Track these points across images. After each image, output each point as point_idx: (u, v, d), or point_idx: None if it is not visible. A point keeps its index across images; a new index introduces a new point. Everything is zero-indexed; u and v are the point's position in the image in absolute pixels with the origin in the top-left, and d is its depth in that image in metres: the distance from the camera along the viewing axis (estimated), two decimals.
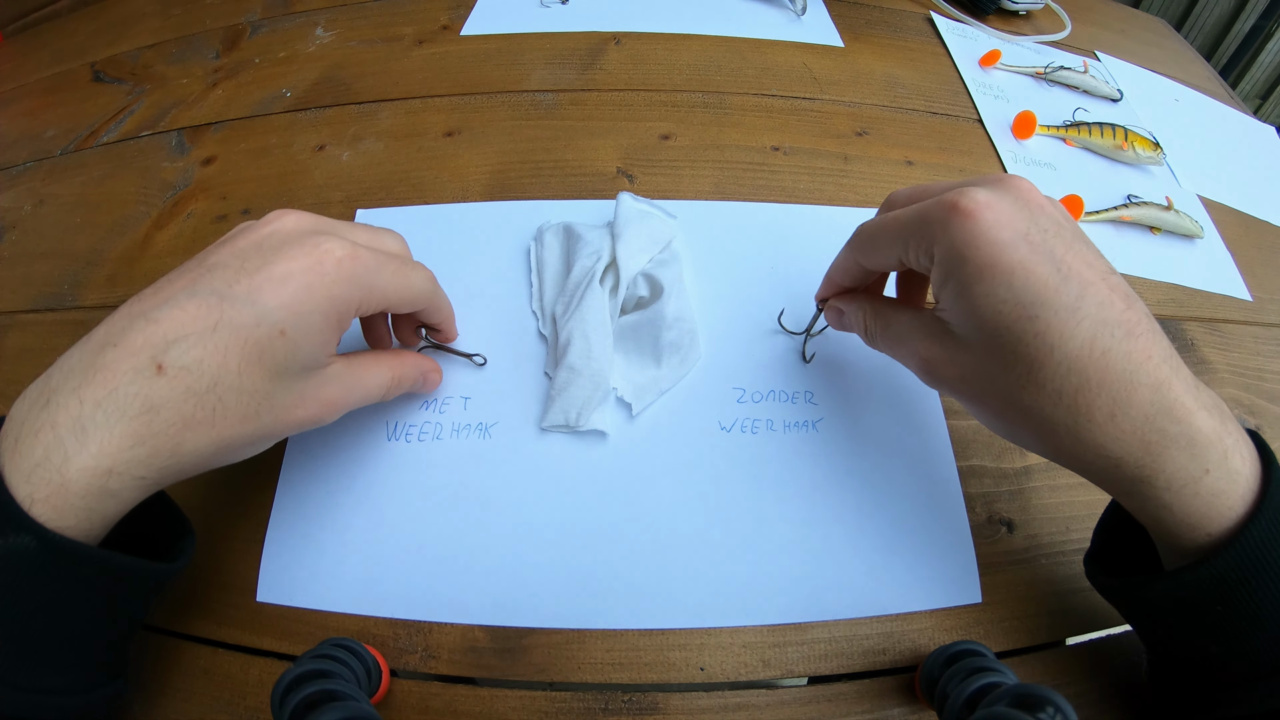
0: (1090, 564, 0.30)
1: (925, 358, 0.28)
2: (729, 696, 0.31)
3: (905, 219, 0.27)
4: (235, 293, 0.24)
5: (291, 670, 0.25)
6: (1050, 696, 0.21)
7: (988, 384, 0.25)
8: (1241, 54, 1.20)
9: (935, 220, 0.25)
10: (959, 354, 0.26)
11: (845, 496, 0.35)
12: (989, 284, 0.24)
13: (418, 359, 0.35)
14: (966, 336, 0.26)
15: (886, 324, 0.31)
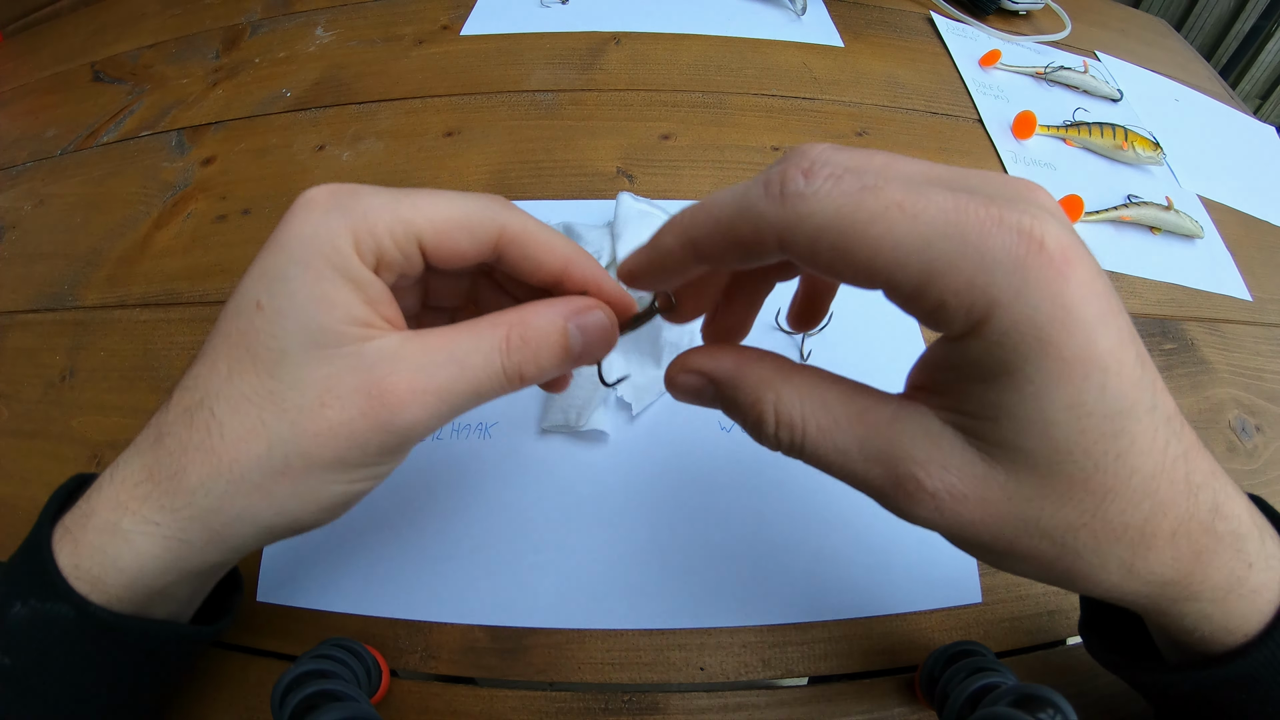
0: (1089, 635, 0.26)
1: (933, 490, 0.17)
2: (729, 696, 0.31)
3: (933, 223, 0.14)
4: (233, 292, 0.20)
5: (291, 670, 0.25)
6: (1050, 697, 0.21)
7: (1027, 527, 0.17)
8: (1241, 54, 1.20)
9: (998, 264, 0.14)
10: (989, 486, 0.16)
11: (845, 496, 0.35)
12: (1077, 390, 0.15)
13: (548, 304, 0.21)
14: (1009, 461, 0.16)
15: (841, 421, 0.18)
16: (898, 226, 0.14)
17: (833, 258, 0.15)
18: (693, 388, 0.20)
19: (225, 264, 0.45)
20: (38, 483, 0.38)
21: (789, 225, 0.15)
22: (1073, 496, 0.16)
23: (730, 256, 0.17)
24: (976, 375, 0.16)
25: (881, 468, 0.17)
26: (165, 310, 0.43)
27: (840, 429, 0.18)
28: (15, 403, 0.41)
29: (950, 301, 0.15)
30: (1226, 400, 0.42)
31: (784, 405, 0.18)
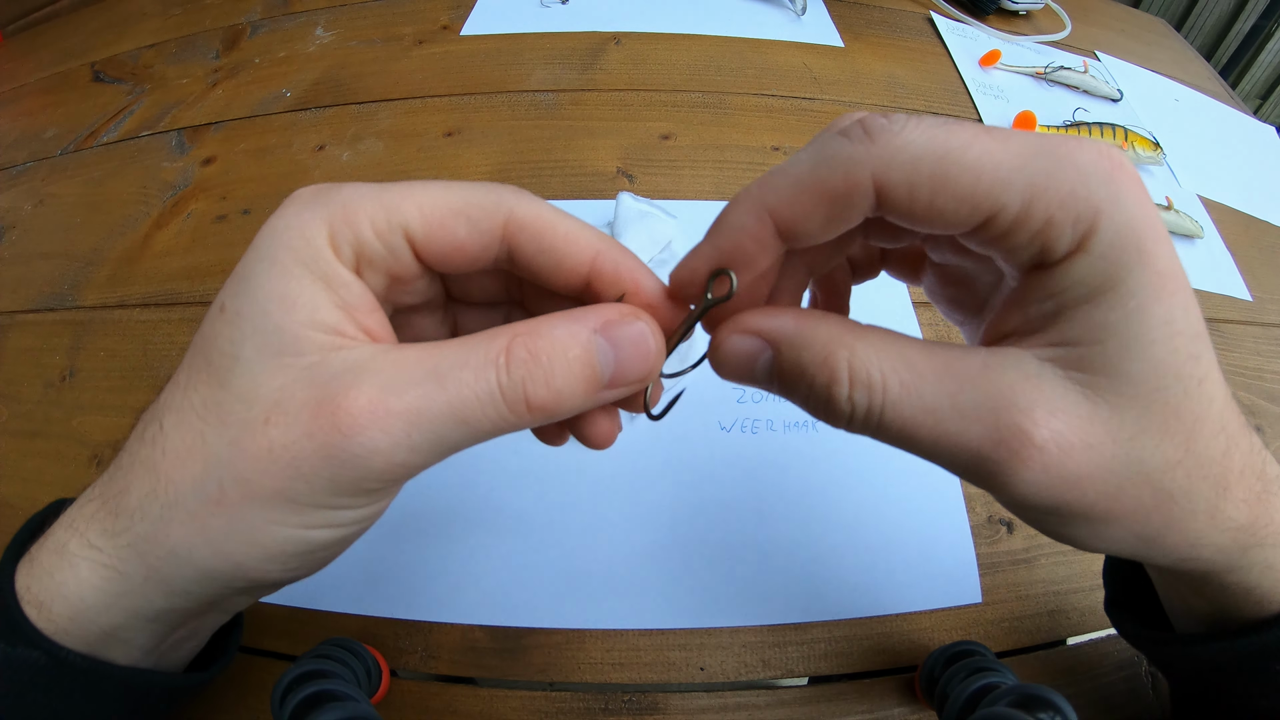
0: (1116, 611, 0.25)
1: (1045, 438, 0.15)
2: (729, 696, 0.31)
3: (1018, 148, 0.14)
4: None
5: (291, 670, 0.25)
6: (1050, 697, 0.21)
7: (1131, 468, 0.15)
8: (1241, 54, 1.20)
9: (1094, 176, 0.14)
10: (1095, 427, 0.15)
11: (845, 496, 0.35)
12: (1169, 303, 0.15)
13: (564, 314, 0.17)
14: (1113, 391, 0.15)
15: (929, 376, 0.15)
16: (994, 150, 0.14)
17: (933, 189, 0.14)
18: (745, 354, 0.17)
19: (225, 264, 0.45)
20: (38, 483, 0.38)
21: (884, 160, 0.14)
22: (1169, 428, 0.15)
23: (816, 219, 0.15)
24: (1081, 296, 0.15)
25: (980, 424, 0.15)
26: (165, 310, 0.43)
27: (928, 384, 0.15)
28: (15, 403, 0.41)
29: (1057, 215, 0.14)
30: None
31: (859, 361, 0.15)
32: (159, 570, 0.16)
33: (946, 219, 0.15)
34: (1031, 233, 0.15)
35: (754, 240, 0.16)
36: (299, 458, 0.15)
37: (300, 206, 0.16)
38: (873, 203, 0.15)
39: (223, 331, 0.16)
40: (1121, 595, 0.26)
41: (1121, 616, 0.25)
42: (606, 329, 0.17)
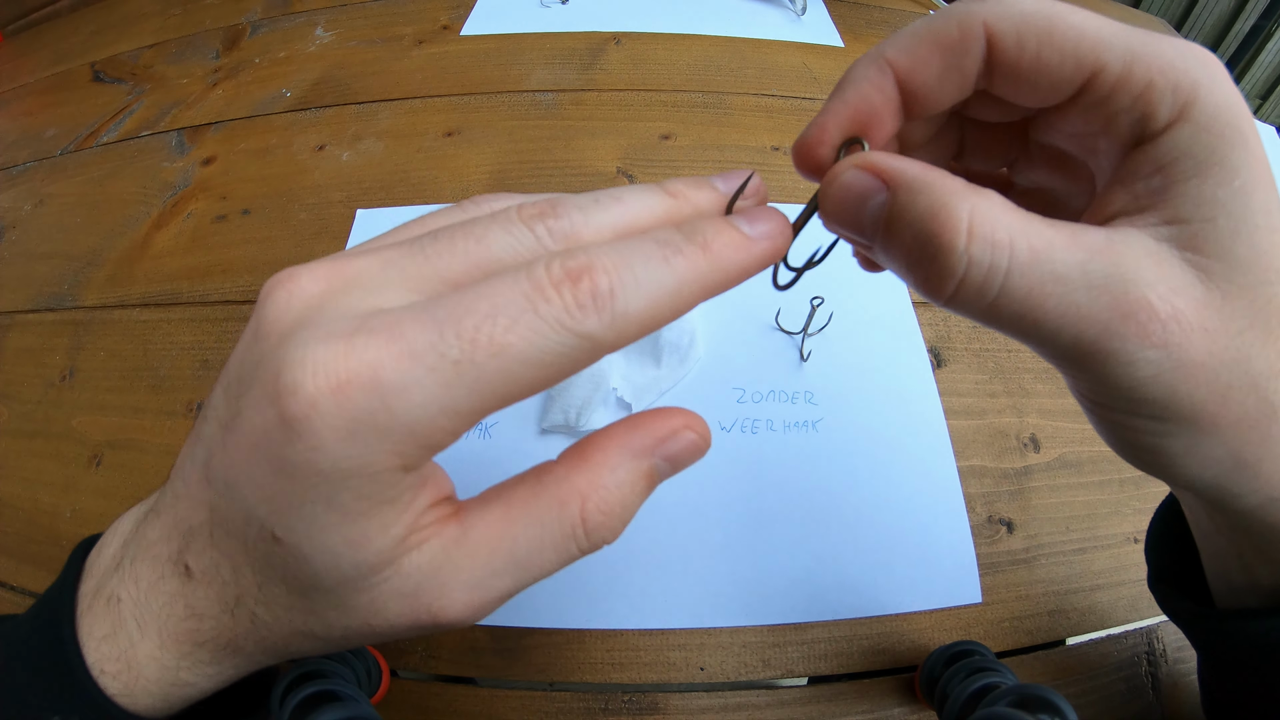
0: (1162, 587, 0.24)
1: (1168, 316, 0.14)
2: (729, 696, 0.31)
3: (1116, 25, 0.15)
4: (215, 470, 0.15)
5: (291, 670, 0.25)
6: (1050, 697, 0.21)
7: (1239, 368, 0.15)
8: (1241, 54, 1.20)
9: (1190, 56, 0.15)
10: (1210, 312, 0.15)
11: (845, 496, 0.35)
12: (1268, 195, 0.15)
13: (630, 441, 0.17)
14: (1225, 273, 0.15)
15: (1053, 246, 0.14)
16: (1095, 19, 0.15)
17: (1040, 42, 0.15)
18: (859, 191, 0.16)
19: (225, 264, 0.45)
20: (38, 483, 0.38)
21: (997, 12, 0.15)
22: (1273, 329, 0.15)
23: (933, 67, 0.16)
24: (1189, 169, 0.15)
25: (1108, 296, 0.14)
26: (165, 310, 0.43)
27: (1058, 250, 0.14)
28: (15, 403, 0.41)
29: (1158, 79, 0.14)
30: None
31: (983, 217, 0.14)
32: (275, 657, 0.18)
33: (1052, 75, 0.15)
34: (1133, 95, 0.14)
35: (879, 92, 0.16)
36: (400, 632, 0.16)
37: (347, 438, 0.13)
38: (983, 57, 0.15)
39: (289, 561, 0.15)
40: (1168, 569, 0.24)
41: (1169, 592, 0.24)
42: (662, 451, 0.17)
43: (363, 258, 0.15)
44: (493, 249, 0.14)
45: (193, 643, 0.17)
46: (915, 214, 0.15)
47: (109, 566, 0.18)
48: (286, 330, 0.14)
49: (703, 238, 0.15)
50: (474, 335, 0.13)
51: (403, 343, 0.13)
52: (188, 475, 0.16)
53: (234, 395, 0.15)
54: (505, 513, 0.16)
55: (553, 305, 0.13)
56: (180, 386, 0.40)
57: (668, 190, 0.16)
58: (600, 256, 0.14)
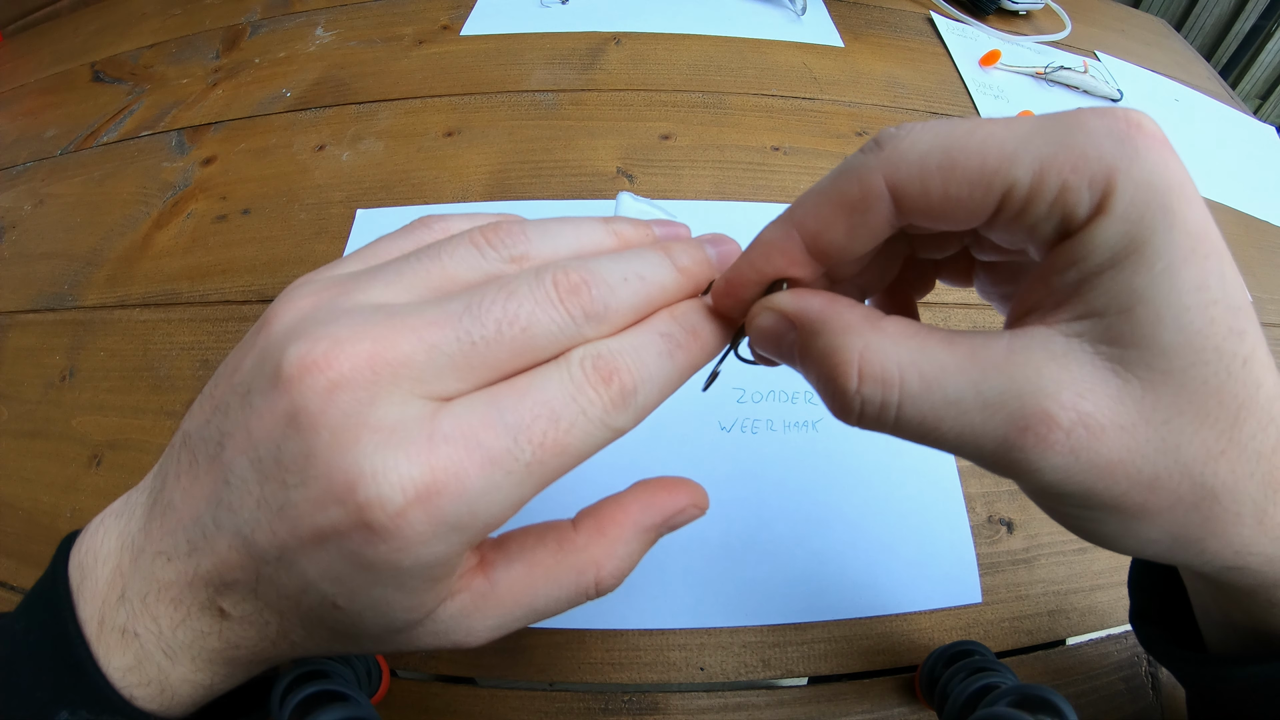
0: (1143, 626, 0.24)
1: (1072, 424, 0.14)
2: (729, 696, 0.31)
3: (1029, 129, 0.14)
4: (260, 545, 0.15)
5: (291, 670, 0.25)
6: (1050, 697, 0.21)
7: (1167, 457, 0.14)
8: (1241, 54, 1.20)
9: (1108, 136, 0.14)
10: (1126, 407, 0.14)
11: (845, 496, 0.35)
12: (1201, 267, 0.14)
13: (638, 516, 0.20)
14: (1145, 367, 0.14)
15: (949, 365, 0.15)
16: (999, 131, 0.14)
17: (943, 179, 0.14)
18: (772, 331, 0.17)
19: (225, 264, 0.45)
20: (38, 483, 0.38)
21: (894, 162, 0.15)
22: (1208, 412, 0.14)
23: (839, 229, 0.16)
24: (1105, 261, 0.14)
25: (1004, 413, 0.14)
26: (165, 310, 0.43)
27: (950, 375, 0.15)
28: (15, 403, 0.41)
29: (1071, 180, 0.14)
30: None
31: (875, 355, 0.15)
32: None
33: (964, 206, 0.15)
34: (1048, 203, 0.14)
35: (785, 256, 0.17)
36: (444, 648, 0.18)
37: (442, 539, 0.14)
38: (891, 207, 0.15)
39: (346, 621, 0.16)
40: (1149, 606, 0.24)
41: (1150, 632, 0.23)
42: (668, 521, 0.20)
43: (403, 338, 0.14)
44: (533, 334, 0.15)
45: (229, 664, 0.18)
46: (816, 354, 0.16)
47: (108, 596, 0.18)
48: (341, 427, 0.14)
49: (693, 327, 0.17)
50: (542, 440, 0.15)
51: (481, 451, 0.14)
52: (211, 535, 0.16)
53: (275, 480, 0.15)
54: (528, 573, 0.18)
55: (595, 406, 0.15)
56: (180, 386, 0.40)
57: (679, 267, 0.18)
58: (624, 357, 0.16)
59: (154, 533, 0.17)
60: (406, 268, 0.16)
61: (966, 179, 0.14)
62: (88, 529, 0.18)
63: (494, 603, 0.18)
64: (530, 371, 0.15)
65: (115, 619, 0.17)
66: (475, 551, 0.18)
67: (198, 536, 0.16)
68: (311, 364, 0.14)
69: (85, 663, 0.17)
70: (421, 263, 0.16)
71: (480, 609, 0.17)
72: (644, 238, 0.19)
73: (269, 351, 0.15)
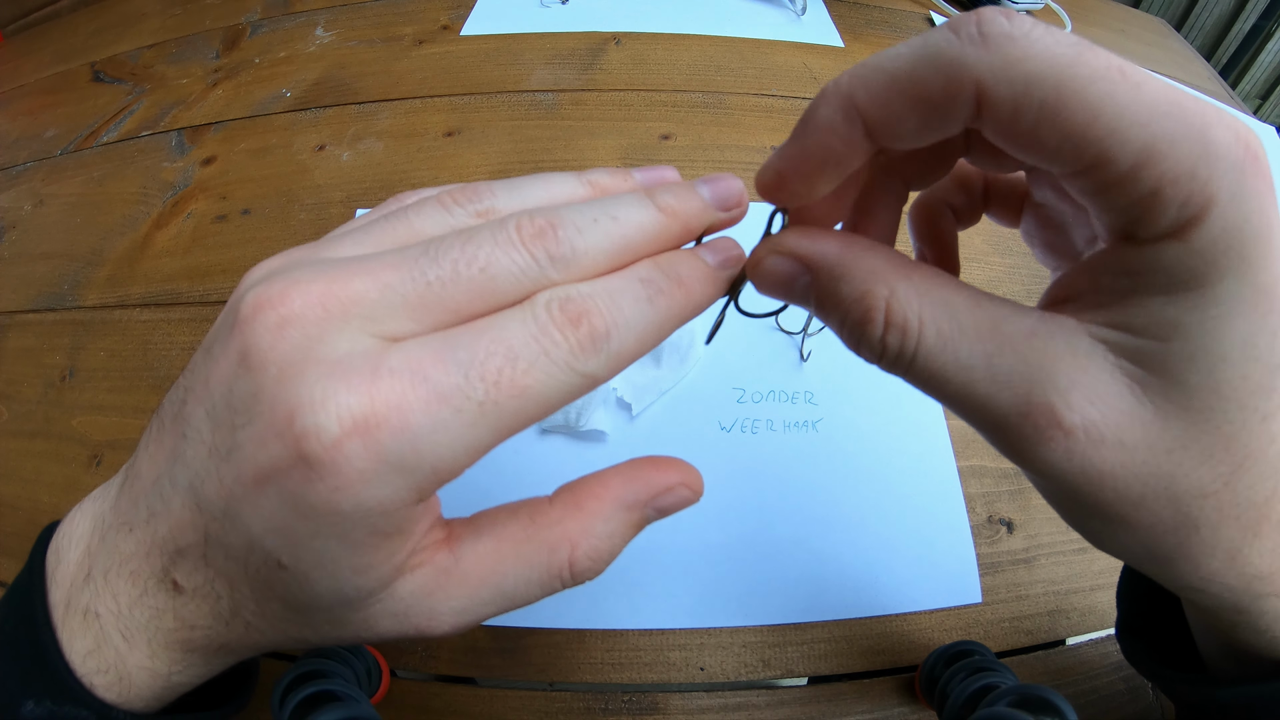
0: (1128, 641, 0.23)
1: (1074, 427, 0.14)
2: (729, 696, 0.31)
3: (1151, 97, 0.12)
4: (209, 498, 0.15)
5: (291, 670, 0.25)
6: (1050, 697, 0.21)
7: (1159, 484, 0.14)
8: (1241, 54, 1.20)
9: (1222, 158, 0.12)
10: (1133, 427, 0.14)
11: (845, 496, 0.35)
12: (1255, 324, 0.13)
13: (623, 493, 0.18)
14: (1168, 396, 0.14)
15: (962, 333, 0.14)
16: (1121, 91, 0.12)
17: (1040, 119, 0.12)
18: (782, 275, 0.16)
19: (225, 264, 0.45)
20: (38, 483, 0.38)
21: (994, 70, 0.12)
22: (1213, 457, 0.14)
23: (909, 124, 0.14)
24: (1161, 285, 0.13)
25: (1011, 393, 0.14)
26: (165, 310, 0.43)
27: (966, 338, 0.14)
28: (15, 403, 0.41)
29: (1167, 191, 0.12)
30: None
31: (898, 302, 0.15)
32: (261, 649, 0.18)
33: (1046, 153, 0.13)
34: (1133, 199, 0.13)
35: (842, 140, 0.14)
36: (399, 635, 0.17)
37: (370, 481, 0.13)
38: (972, 113, 0.13)
39: (292, 585, 0.15)
40: (1136, 620, 0.23)
41: (1135, 646, 0.23)
42: (655, 504, 0.18)
43: (356, 278, 0.14)
44: (492, 274, 0.14)
45: (184, 649, 0.17)
46: (839, 299, 0.15)
47: (76, 577, 0.17)
48: (287, 362, 0.13)
49: (678, 275, 0.16)
50: (497, 378, 0.13)
51: (428, 385, 0.13)
52: (167, 496, 0.16)
53: (225, 424, 0.14)
54: (496, 548, 0.17)
55: (560, 349, 0.14)
56: None
57: (660, 206, 0.16)
58: (595, 300, 0.14)
59: (121, 505, 0.17)
60: (374, 227, 0.16)
61: (1064, 131, 0.12)
62: (67, 514, 0.18)
63: (458, 580, 0.16)
64: (492, 315, 0.14)
65: (79, 600, 0.17)
66: (443, 527, 0.17)
67: (156, 501, 0.16)
68: (265, 302, 0.14)
69: (49, 648, 0.17)
70: (389, 222, 0.16)
71: (443, 587, 0.16)
72: (623, 185, 0.18)
73: (232, 303, 0.15)
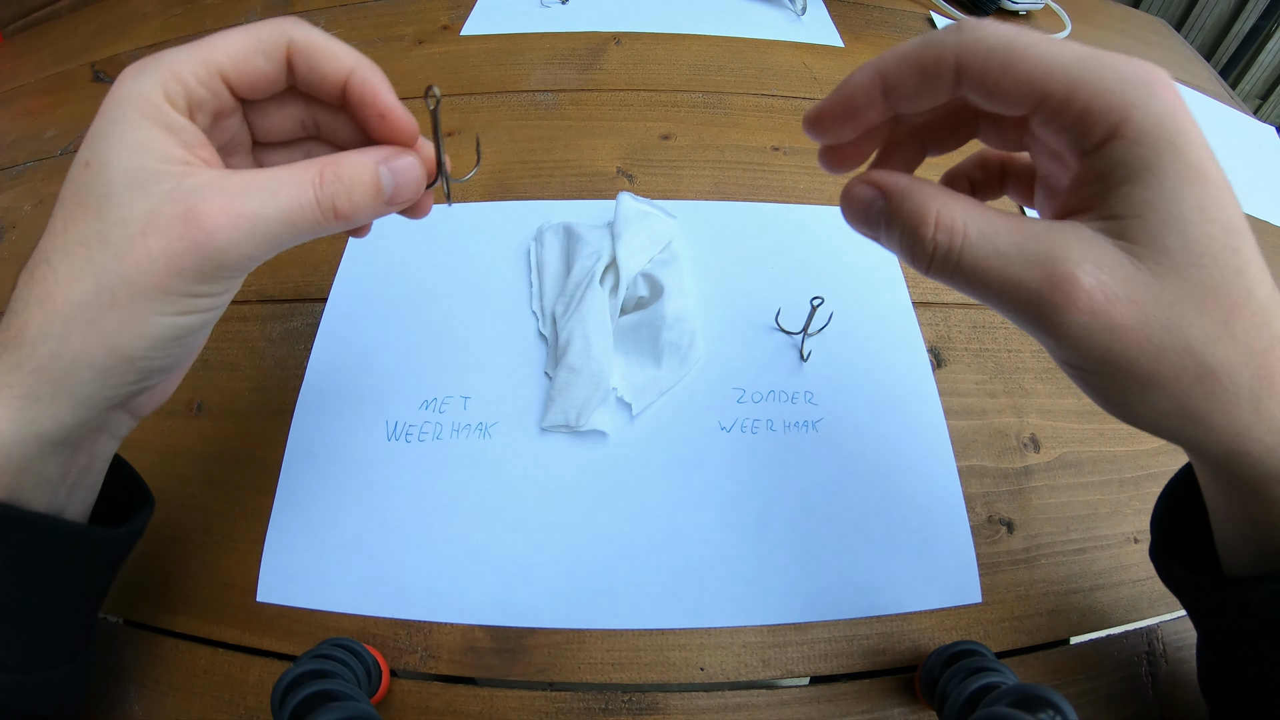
0: (1161, 557, 0.26)
1: (1090, 287, 0.18)
2: (729, 696, 0.31)
3: (1074, 54, 0.18)
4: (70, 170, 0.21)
5: (291, 670, 0.25)
6: (1051, 697, 0.21)
7: (1173, 334, 0.18)
8: (1241, 54, 1.20)
9: (1131, 77, 0.18)
10: (1138, 285, 0.18)
11: (845, 496, 0.35)
12: (1200, 191, 0.18)
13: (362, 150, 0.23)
14: (1155, 260, 0.18)
15: (998, 229, 0.19)
16: (1051, 49, 0.18)
17: (999, 72, 0.18)
18: (865, 199, 0.21)
19: None
20: None
21: (966, 47, 0.19)
22: (1206, 304, 0.18)
23: (911, 84, 0.20)
24: (1123, 176, 0.18)
25: (1040, 269, 0.18)
26: None
27: (1000, 235, 0.19)
28: None
29: (1094, 105, 0.18)
30: None
31: (947, 211, 0.19)
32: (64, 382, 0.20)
33: (1009, 96, 0.19)
34: (1074, 117, 0.18)
35: (865, 94, 0.21)
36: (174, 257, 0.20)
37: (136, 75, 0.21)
38: (954, 78, 0.19)
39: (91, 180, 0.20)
40: (1173, 540, 0.26)
41: (1167, 560, 0.26)
42: (388, 160, 0.23)
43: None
44: None
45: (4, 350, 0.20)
46: (903, 213, 0.20)
47: None
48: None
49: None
50: None
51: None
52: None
53: None
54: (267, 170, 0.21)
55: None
56: (180, 386, 0.40)
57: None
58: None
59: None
60: None
61: (1015, 79, 0.18)
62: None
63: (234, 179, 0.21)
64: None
65: None
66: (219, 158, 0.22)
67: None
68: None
69: None
70: None
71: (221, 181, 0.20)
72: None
73: None
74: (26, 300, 0.20)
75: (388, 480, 0.36)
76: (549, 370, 0.38)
